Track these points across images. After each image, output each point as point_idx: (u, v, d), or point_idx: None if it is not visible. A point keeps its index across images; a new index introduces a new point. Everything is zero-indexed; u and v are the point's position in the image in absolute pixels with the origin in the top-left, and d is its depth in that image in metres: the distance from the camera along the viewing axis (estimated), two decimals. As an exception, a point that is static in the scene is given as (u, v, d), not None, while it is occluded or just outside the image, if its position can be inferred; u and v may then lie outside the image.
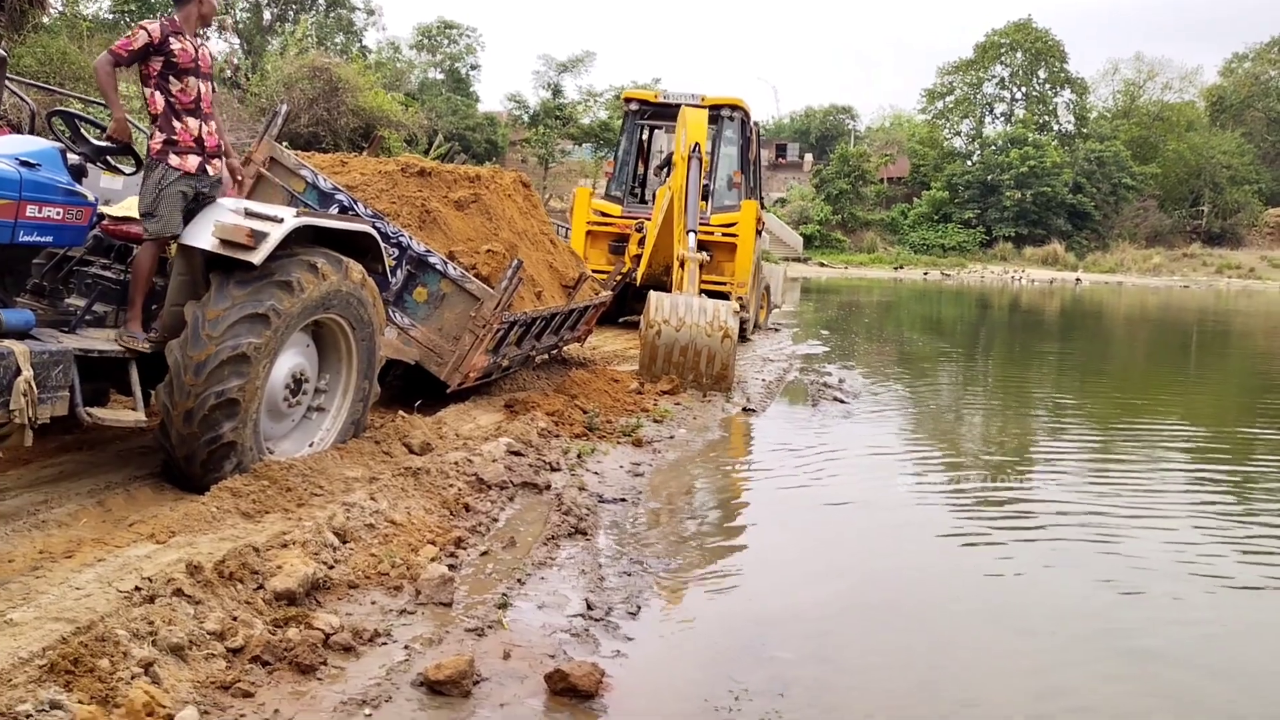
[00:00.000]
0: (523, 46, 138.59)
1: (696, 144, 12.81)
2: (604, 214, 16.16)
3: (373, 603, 4.03)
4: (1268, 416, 11.75)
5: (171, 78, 5.23)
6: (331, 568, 4.13)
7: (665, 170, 16.59)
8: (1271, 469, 8.66)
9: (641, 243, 14.69)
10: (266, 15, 48.51)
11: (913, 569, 5.57)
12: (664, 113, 16.73)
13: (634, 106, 17.27)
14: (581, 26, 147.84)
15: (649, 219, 14.84)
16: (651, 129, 17.97)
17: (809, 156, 73.20)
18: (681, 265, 11.53)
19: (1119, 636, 4.60)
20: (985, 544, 6.07)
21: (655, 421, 8.56)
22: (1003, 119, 68.85)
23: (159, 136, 5.24)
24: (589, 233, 15.79)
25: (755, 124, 17.25)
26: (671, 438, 8.19)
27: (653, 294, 10.64)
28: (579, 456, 7.00)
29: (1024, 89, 68.69)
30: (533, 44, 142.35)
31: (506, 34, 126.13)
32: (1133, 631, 4.69)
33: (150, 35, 5.15)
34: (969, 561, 5.77)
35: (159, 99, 5.25)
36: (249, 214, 5.06)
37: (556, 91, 55.63)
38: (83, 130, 5.72)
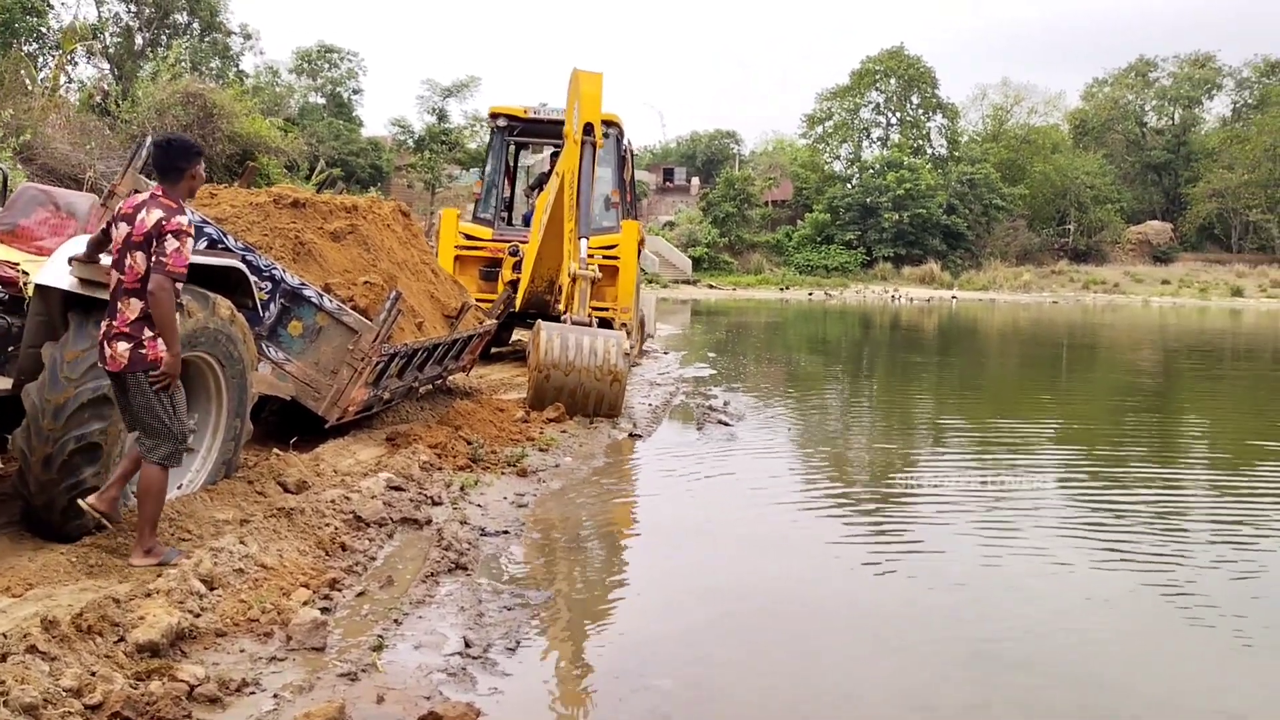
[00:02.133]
0: (406, 71, 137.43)
1: (590, 124, 11.77)
2: (472, 238, 15.24)
3: (241, 651, 3.93)
4: (1136, 431, 12.32)
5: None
6: (198, 616, 4.02)
7: (536, 191, 15.94)
8: (1138, 482, 9.07)
9: (516, 267, 13.97)
10: (138, 40, 46.99)
11: (790, 590, 5.68)
12: (534, 129, 16.04)
13: (502, 123, 16.13)
14: (466, 52, 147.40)
15: (523, 241, 14.19)
16: (519, 146, 17.10)
17: (696, 180, 74.16)
18: (572, 281, 11.10)
19: (983, 646, 4.78)
20: (867, 568, 6.20)
21: (541, 450, 8.56)
22: (879, 143, 70.91)
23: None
24: (457, 258, 14.72)
25: (629, 141, 16.34)
26: (557, 466, 8.20)
27: (542, 328, 10.26)
28: (462, 489, 6.96)
29: (899, 114, 70.86)
30: (416, 69, 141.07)
31: (389, 59, 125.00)
32: (994, 641, 4.87)
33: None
34: (845, 580, 5.91)
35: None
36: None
37: (442, 116, 55.17)
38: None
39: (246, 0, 61.85)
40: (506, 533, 6.17)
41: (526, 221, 15.95)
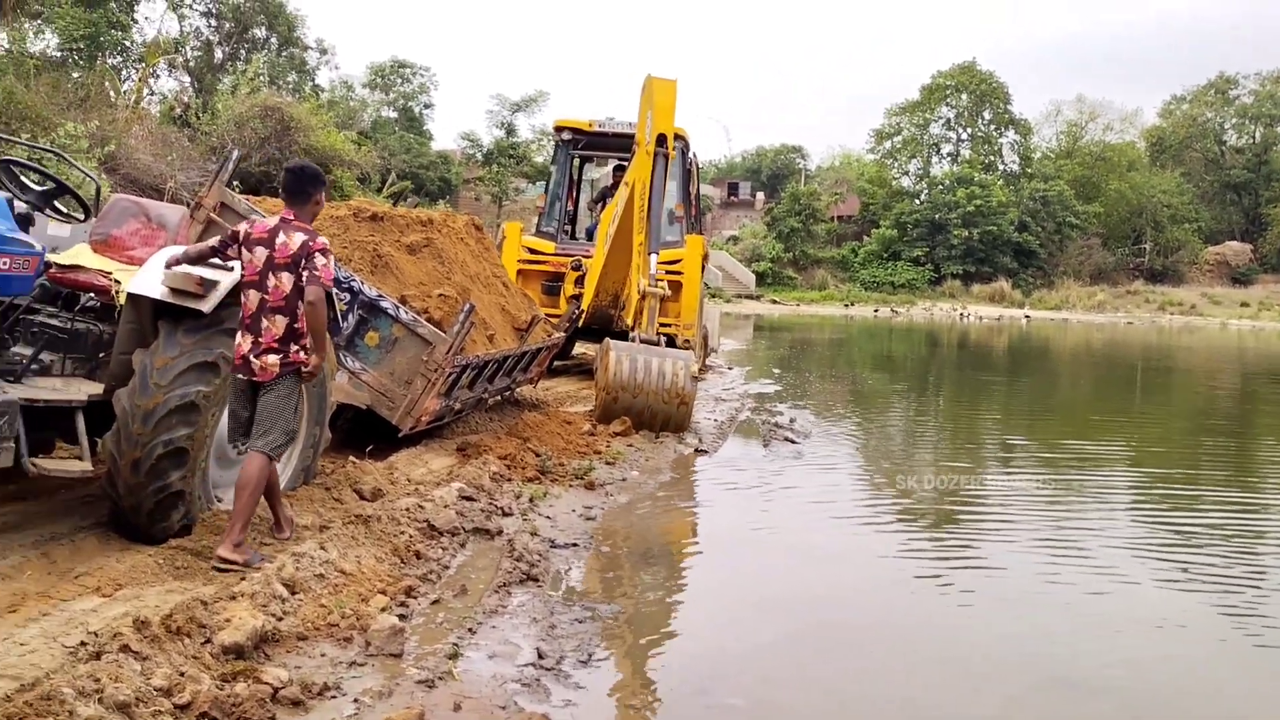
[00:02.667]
0: (477, 86, 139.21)
1: (663, 135, 11.44)
2: (536, 251, 15.02)
3: (322, 655, 4.02)
4: (1213, 454, 12.02)
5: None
6: (280, 620, 4.11)
7: (599, 204, 15.77)
8: (1213, 506, 8.85)
9: (579, 282, 13.76)
10: (218, 54, 48.25)
11: (862, 612, 5.64)
12: (599, 143, 15.85)
13: (566, 136, 15.96)
14: (535, 67, 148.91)
15: (586, 255, 14.04)
16: (583, 160, 16.85)
17: (760, 195, 74.06)
18: (641, 298, 10.95)
19: (1053, 671, 4.70)
20: (935, 587, 6.15)
21: (608, 464, 8.60)
22: (949, 159, 70.17)
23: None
24: (520, 272, 14.30)
25: (695, 153, 15.96)
26: (624, 480, 8.23)
27: (610, 348, 10.17)
28: (531, 501, 7.02)
29: (969, 130, 70.07)
30: (486, 83, 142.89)
31: (460, 73, 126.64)
32: (1065, 665, 4.79)
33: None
34: (918, 604, 5.85)
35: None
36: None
37: (510, 130, 55.83)
38: (26, 179, 5.70)
39: (323, 16, 63.28)
40: (576, 545, 6.21)
41: (590, 236, 15.90)
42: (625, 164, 15.97)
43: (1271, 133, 73.79)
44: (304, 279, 4.87)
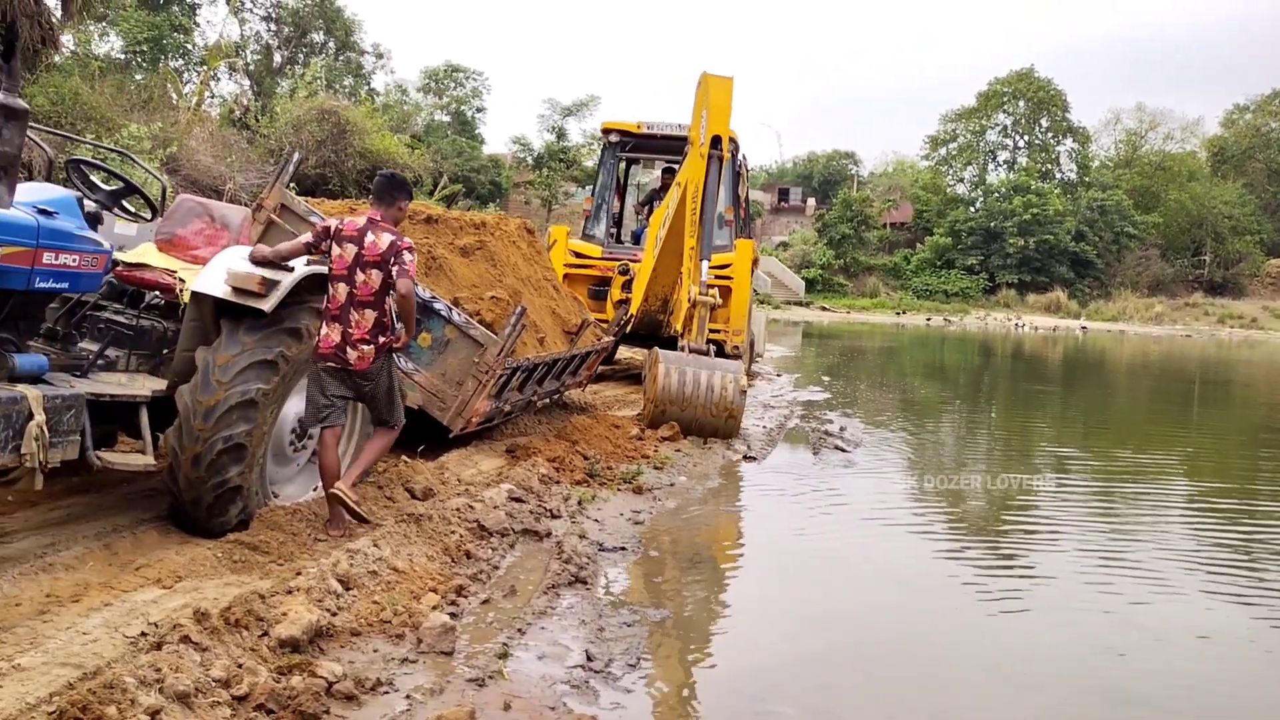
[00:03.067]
0: (528, 90, 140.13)
1: (718, 137, 11.19)
2: (582, 255, 14.79)
3: (375, 651, 4.07)
4: (1272, 473, 11.77)
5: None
6: (335, 615, 4.17)
7: (647, 207, 15.55)
8: (1268, 521, 8.67)
9: (625, 286, 13.56)
10: (277, 58, 49.07)
11: (912, 622, 5.60)
12: (647, 145, 15.66)
13: (614, 138, 15.74)
14: (587, 71, 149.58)
15: (633, 260, 13.85)
16: (630, 162, 16.61)
17: (811, 201, 73.68)
18: (691, 306, 10.82)
19: (1112, 690, 4.63)
20: (984, 597, 6.09)
21: (656, 468, 8.61)
22: (1005, 166, 69.36)
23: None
24: (566, 276, 13.83)
25: (744, 155, 15.51)
26: (672, 485, 8.23)
27: (659, 359, 10.10)
28: (579, 503, 7.05)
29: (1026, 137, 69.23)
30: (538, 88, 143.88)
31: (512, 78, 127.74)
32: (1109, 676, 4.72)
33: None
34: (968, 614, 5.79)
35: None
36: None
37: (561, 135, 56.10)
38: (95, 178, 5.84)
39: (380, 20, 64.09)
40: (624, 549, 6.23)
41: (636, 240, 15.70)
42: (674, 167, 15.93)
43: (1338, 143, 72.09)
44: (394, 274, 5.36)
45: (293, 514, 5.23)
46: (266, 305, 5.03)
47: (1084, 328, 51.41)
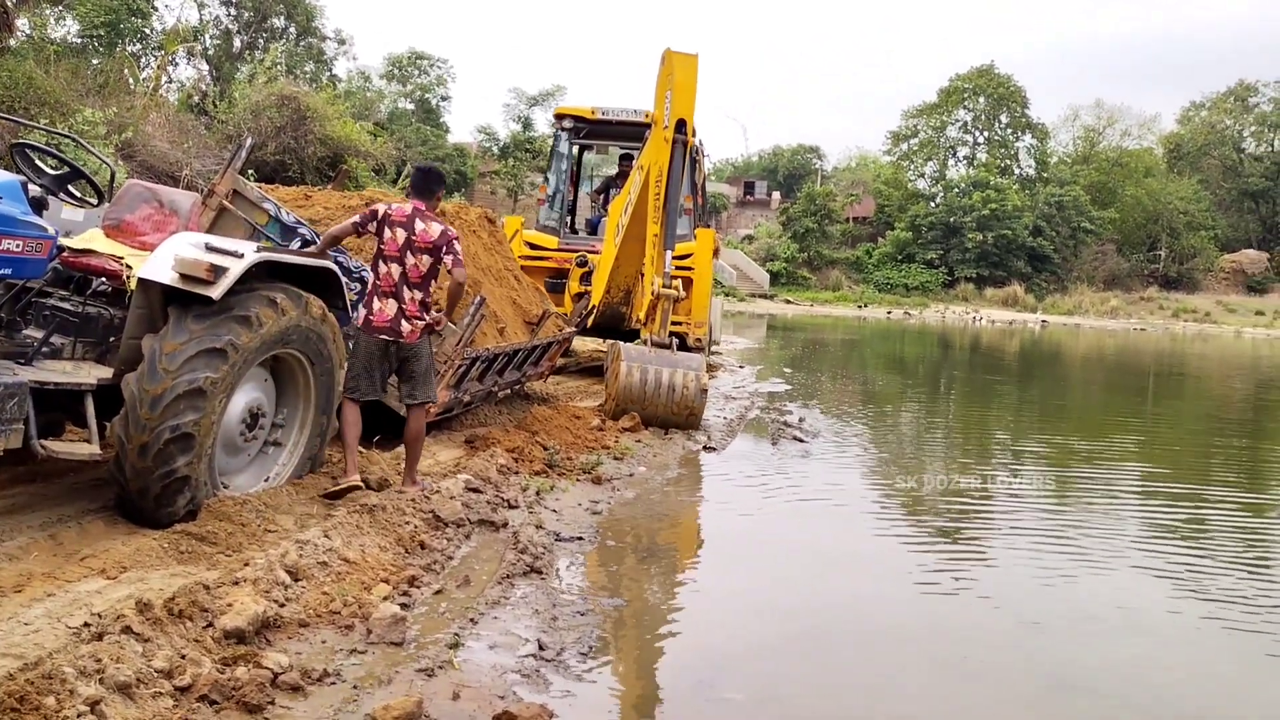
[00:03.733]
0: (494, 79, 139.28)
1: (683, 120, 10.69)
2: (537, 247, 14.28)
3: (323, 642, 4.03)
4: (1220, 461, 11.97)
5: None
6: (283, 606, 4.13)
7: (604, 196, 15.12)
8: (1217, 514, 8.81)
9: (584, 279, 13.17)
10: (236, 42, 48.42)
11: (862, 608, 5.64)
12: (602, 131, 15.29)
13: (568, 124, 15.26)
14: (553, 61, 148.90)
15: (591, 251, 13.46)
16: (583, 149, 16.16)
17: (776, 194, 73.93)
18: (654, 299, 10.55)
19: (1053, 672, 4.69)
20: (933, 584, 6.14)
21: (616, 459, 8.61)
22: (965, 162, 69.93)
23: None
24: (521, 269, 12.60)
25: (701, 140, 14.56)
26: (631, 475, 8.23)
27: (621, 356, 10.00)
28: (538, 494, 7.03)
29: (986, 133, 69.81)
30: (504, 77, 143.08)
31: (478, 66, 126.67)
32: (1062, 666, 4.79)
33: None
34: (917, 601, 5.84)
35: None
36: (209, 248, 5.07)
37: (527, 124, 55.93)
38: (42, 163, 5.73)
39: (342, 6, 63.48)
40: (581, 539, 6.22)
41: (593, 230, 15.27)
42: (633, 153, 15.70)
43: (1291, 141, 73.38)
44: (449, 263, 5.99)
45: (242, 504, 5.16)
46: (215, 292, 4.94)
47: (1043, 322, 52.03)
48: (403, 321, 6.02)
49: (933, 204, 65.18)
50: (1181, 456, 12.27)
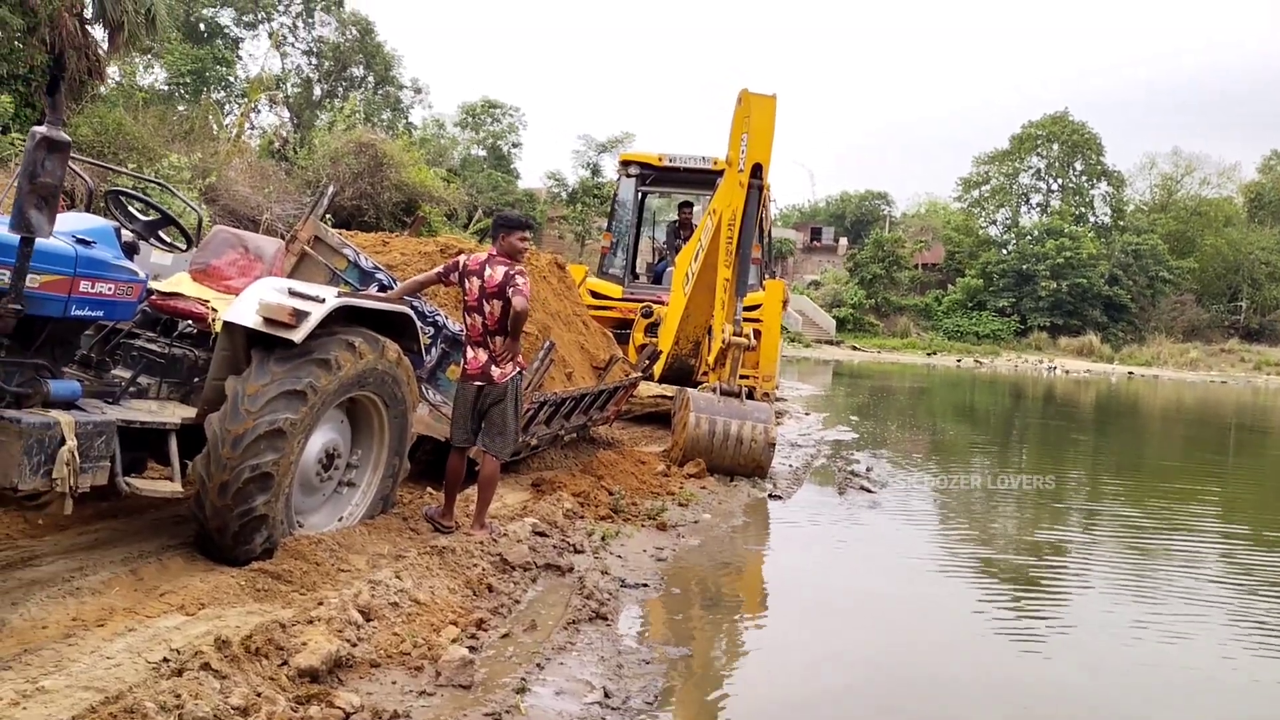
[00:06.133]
0: (564, 126, 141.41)
1: (759, 165, 10.53)
2: (601, 296, 13.89)
3: (393, 683, 4.08)
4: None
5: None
6: (355, 645, 4.19)
7: (667, 243, 14.94)
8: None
9: (649, 330, 12.87)
10: (316, 91, 49.92)
11: (928, 661, 5.55)
12: (668, 178, 15.08)
13: (634, 170, 14.97)
14: (622, 108, 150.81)
15: (656, 301, 13.20)
16: (646, 195, 15.78)
17: (844, 240, 73.73)
18: (725, 348, 10.41)
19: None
20: (1004, 640, 6.03)
21: (680, 505, 8.60)
22: (1039, 209, 69.14)
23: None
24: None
25: (769, 184, 13.87)
26: (696, 522, 8.21)
27: (690, 405, 9.89)
28: (603, 539, 7.05)
29: (1060, 180, 69.05)
30: (574, 124, 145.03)
31: (548, 113, 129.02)
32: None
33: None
34: (985, 653, 5.75)
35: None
36: (292, 293, 5.22)
37: (595, 171, 56.59)
38: (132, 208, 5.95)
39: (419, 56, 65.10)
40: (646, 585, 6.21)
41: (659, 279, 15.00)
42: (692, 201, 15.51)
43: (1378, 191, 71.33)
44: (510, 294, 6.11)
45: (317, 543, 5.26)
46: (297, 336, 5.08)
47: (1130, 373, 50.73)
48: (493, 366, 6.25)
49: (1004, 251, 64.47)
50: (1257, 517, 11.87)
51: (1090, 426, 23.44)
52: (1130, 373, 50.72)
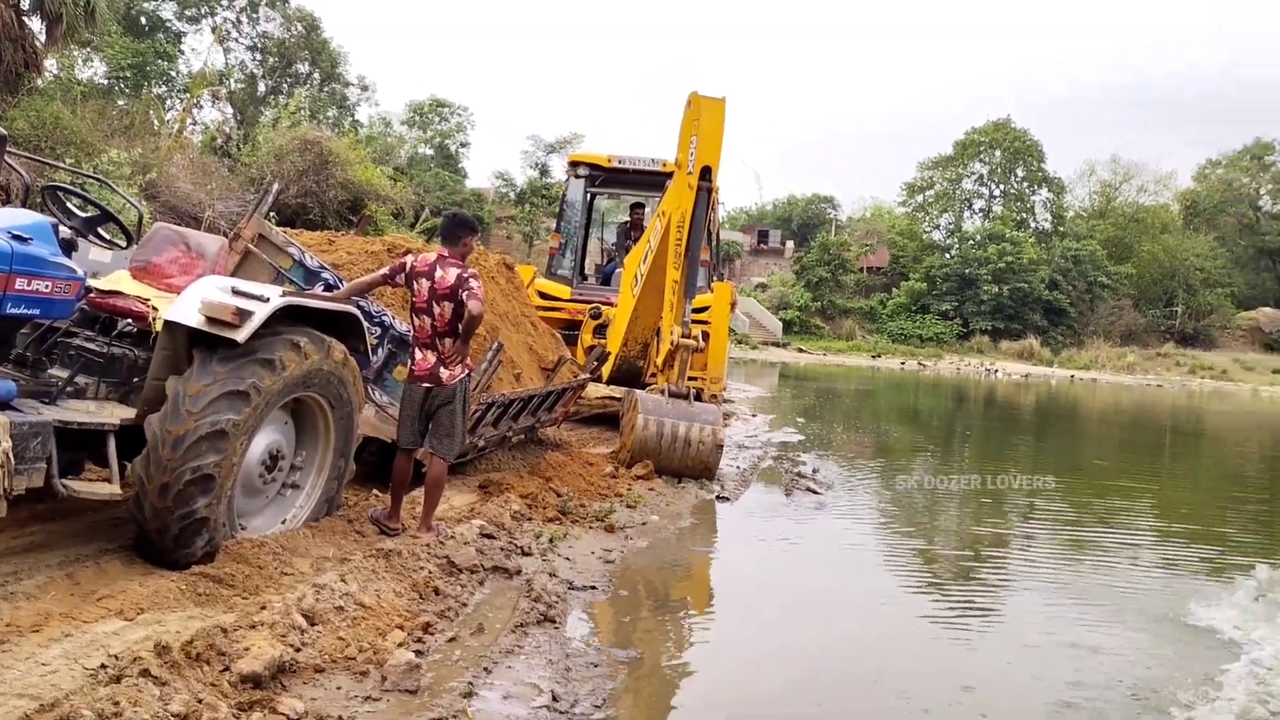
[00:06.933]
0: (512, 126, 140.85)
1: (708, 168, 10.57)
2: (549, 297, 13.79)
3: (338, 688, 4.03)
4: (1234, 519, 11.86)
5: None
6: (298, 650, 4.13)
7: (620, 244, 14.86)
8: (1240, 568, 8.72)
9: (597, 331, 12.85)
10: (261, 87, 49.20)
11: (872, 656, 5.63)
12: (617, 179, 15.07)
13: (582, 171, 14.94)
14: (571, 108, 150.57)
15: (605, 302, 13.23)
16: (595, 196, 15.70)
17: (790, 243, 74.27)
18: (673, 350, 10.43)
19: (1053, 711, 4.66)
20: (946, 634, 6.13)
21: (629, 507, 8.60)
22: (981, 214, 70.25)
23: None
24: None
25: (717, 186, 13.27)
26: (644, 524, 8.22)
27: (639, 407, 9.91)
28: (551, 541, 7.02)
29: (1002, 186, 70.19)
30: (522, 124, 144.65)
31: (497, 113, 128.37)
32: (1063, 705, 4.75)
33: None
34: (927, 647, 5.85)
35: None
36: (235, 292, 5.14)
37: (544, 171, 56.46)
38: (70, 204, 5.82)
39: (366, 54, 64.55)
40: (594, 588, 6.20)
41: (607, 280, 15.00)
42: (643, 203, 15.51)
43: (1308, 200, 73.51)
44: (464, 298, 6.04)
45: (260, 547, 5.17)
46: (240, 336, 5.00)
47: (1072, 377, 51.63)
48: (441, 368, 6.21)
49: (948, 255, 65.39)
50: (1197, 515, 12.15)
51: (1031, 428, 23.85)
52: (1072, 376, 51.69)
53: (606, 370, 12.26)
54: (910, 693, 5.02)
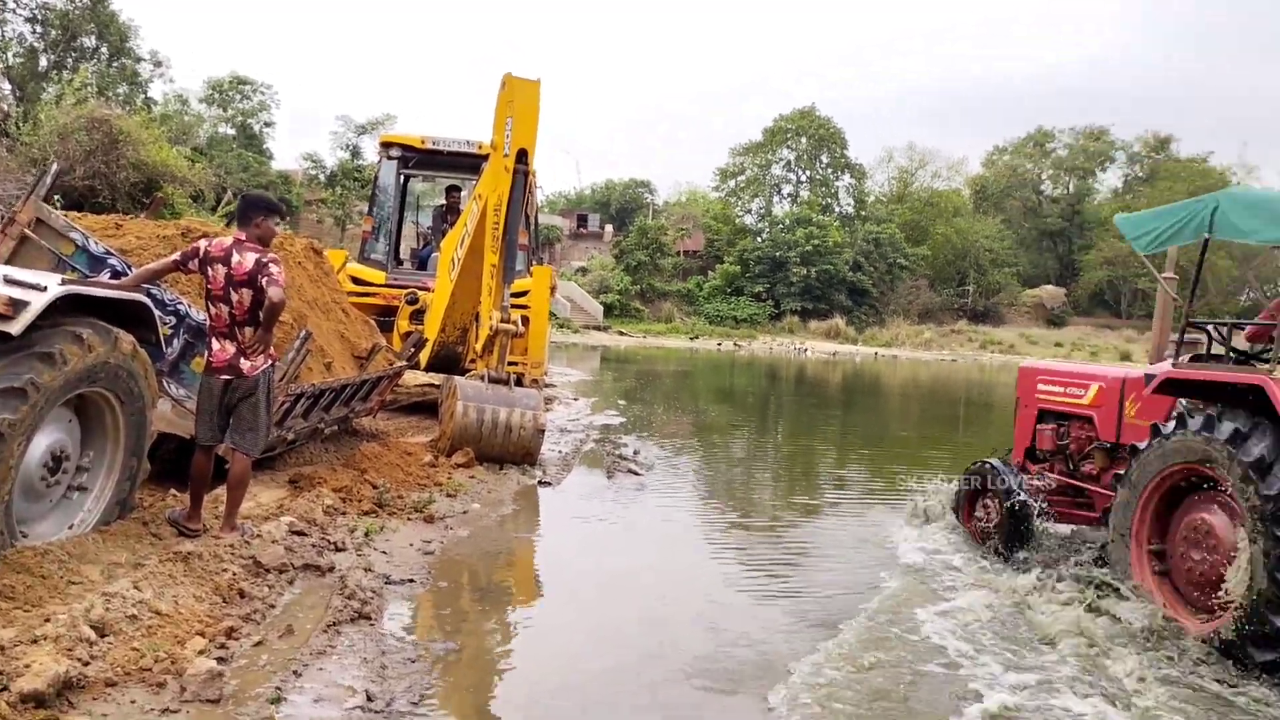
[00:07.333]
0: (322, 107, 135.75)
1: (524, 150, 10.46)
2: (362, 282, 13.46)
3: (132, 702, 3.78)
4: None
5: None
6: (87, 664, 3.85)
7: (436, 228, 14.64)
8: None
9: (414, 317, 12.60)
10: (43, 61, 45.74)
11: (692, 636, 5.69)
12: (431, 161, 14.76)
13: (395, 153, 14.57)
14: (383, 90, 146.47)
15: (421, 287, 13.01)
16: (408, 179, 15.42)
17: (609, 227, 74.69)
18: (492, 335, 10.32)
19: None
20: (746, 597, 6.29)
21: (449, 496, 8.46)
22: (790, 199, 72.53)
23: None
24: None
25: (534, 170, 12.88)
26: (465, 513, 8.10)
27: (458, 394, 9.77)
28: (366, 535, 6.82)
29: (809, 172, 72.65)
30: (332, 105, 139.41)
31: (304, 93, 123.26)
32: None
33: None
34: (747, 624, 5.95)
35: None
36: (9, 281, 4.74)
37: (355, 153, 54.82)
38: None
39: (159, 28, 60.90)
40: (412, 581, 6.06)
41: (423, 264, 14.71)
42: (459, 185, 15.33)
43: (1084, 184, 79.41)
44: (264, 284, 5.71)
45: (43, 555, 4.80)
46: (15, 328, 4.61)
47: (876, 354, 53.99)
48: (242, 359, 5.88)
49: (759, 239, 67.23)
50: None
51: (838, 404, 24.84)
52: (875, 353, 54.10)
53: (424, 357, 11.99)
54: (736, 674, 5.11)
